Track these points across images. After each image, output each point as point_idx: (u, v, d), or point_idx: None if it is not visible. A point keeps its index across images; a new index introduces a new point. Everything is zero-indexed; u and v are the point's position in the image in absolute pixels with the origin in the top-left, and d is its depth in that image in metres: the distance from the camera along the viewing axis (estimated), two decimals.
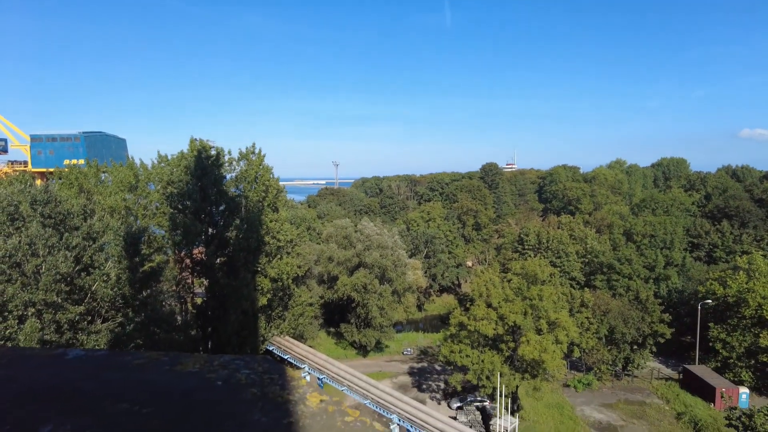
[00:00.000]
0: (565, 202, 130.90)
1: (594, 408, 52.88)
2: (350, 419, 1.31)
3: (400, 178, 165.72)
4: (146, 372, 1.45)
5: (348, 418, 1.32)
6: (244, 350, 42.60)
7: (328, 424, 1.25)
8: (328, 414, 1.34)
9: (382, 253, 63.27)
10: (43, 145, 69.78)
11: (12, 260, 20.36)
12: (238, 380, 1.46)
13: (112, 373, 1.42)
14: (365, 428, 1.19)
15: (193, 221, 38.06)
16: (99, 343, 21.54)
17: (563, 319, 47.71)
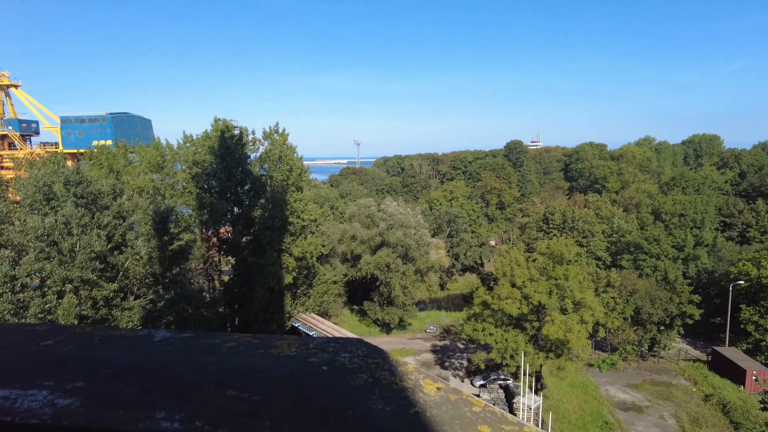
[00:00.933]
0: (591, 180, 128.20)
1: (618, 388, 52.54)
2: (477, 409, 1.20)
3: (422, 156, 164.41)
4: (241, 355, 1.37)
5: (475, 408, 1.21)
6: (271, 326, 43.52)
7: (456, 414, 1.15)
8: (452, 403, 1.21)
9: (405, 233, 63.27)
10: (72, 126, 71.30)
11: (49, 239, 21.01)
12: (343, 365, 1.34)
13: (206, 356, 1.35)
14: (496, 419, 1.12)
15: (219, 200, 38.63)
16: (132, 319, 22.19)
17: (589, 299, 47.16)
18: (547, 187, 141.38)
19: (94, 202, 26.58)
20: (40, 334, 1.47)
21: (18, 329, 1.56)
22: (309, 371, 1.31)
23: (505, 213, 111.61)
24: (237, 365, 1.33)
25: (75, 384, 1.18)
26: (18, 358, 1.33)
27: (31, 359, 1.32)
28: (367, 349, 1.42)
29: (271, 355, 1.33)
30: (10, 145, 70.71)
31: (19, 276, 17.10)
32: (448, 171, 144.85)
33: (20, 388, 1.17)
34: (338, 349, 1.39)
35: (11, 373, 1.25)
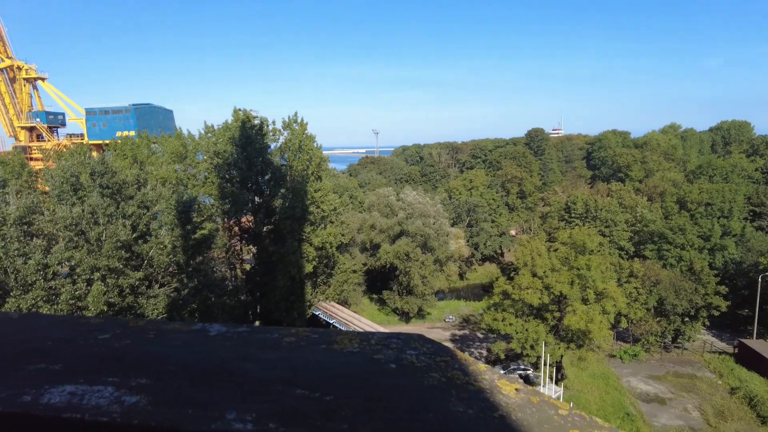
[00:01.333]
0: (614, 168, 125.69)
1: (641, 379, 51.91)
2: (564, 412, 1.15)
3: (441, 145, 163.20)
4: (304, 351, 1.31)
5: (562, 411, 1.16)
6: (292, 315, 44.03)
7: (543, 417, 1.11)
8: (536, 406, 1.17)
9: (424, 222, 63.11)
10: (96, 117, 72.56)
11: (77, 228, 21.51)
12: (411, 363, 1.28)
13: (268, 352, 1.30)
14: (586, 423, 1.08)
15: (241, 190, 39.04)
16: (158, 307, 22.67)
17: (611, 289, 46.53)
18: (569, 176, 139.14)
19: (119, 192, 27.11)
20: (95, 328, 1.45)
21: (73, 321, 1.54)
22: (377, 369, 1.24)
23: (526, 202, 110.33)
24: (302, 362, 1.28)
25: (139, 381, 1.17)
26: (78, 352, 1.32)
27: (91, 353, 1.31)
28: (432, 346, 1.35)
29: (334, 351, 1.28)
30: (38, 136, 72.40)
31: (50, 264, 17.58)
32: (467, 160, 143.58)
33: (85, 384, 1.15)
34: (402, 345, 1.33)
35: (74, 367, 1.24)
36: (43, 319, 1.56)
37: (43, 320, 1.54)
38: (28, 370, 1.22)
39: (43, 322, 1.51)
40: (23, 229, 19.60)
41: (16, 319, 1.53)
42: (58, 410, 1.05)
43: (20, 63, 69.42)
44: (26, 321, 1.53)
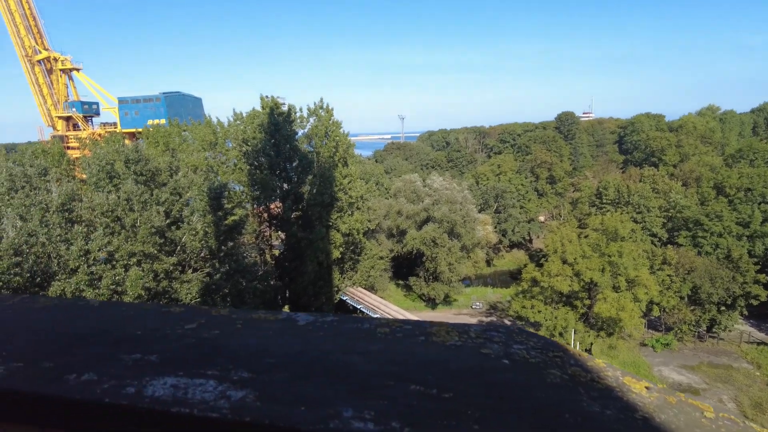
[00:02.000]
0: (647, 153, 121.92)
1: (673, 369, 50.81)
2: (711, 414, 1.06)
3: (468, 130, 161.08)
4: (403, 343, 1.23)
5: (708, 414, 1.06)
6: (320, 299, 44.63)
7: (690, 420, 1.02)
8: (676, 406, 1.08)
9: (451, 208, 62.69)
10: (129, 106, 74.20)
11: (113, 214, 22.15)
12: (524, 358, 1.18)
13: (368, 343, 1.23)
14: (739, 429, 1.01)
15: (269, 177, 39.49)
16: (191, 291, 23.24)
17: (643, 276, 45.53)
18: (600, 161, 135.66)
19: (152, 179, 27.77)
20: (179, 317, 1.42)
21: (155, 310, 1.50)
22: (491, 365, 1.14)
23: (556, 188, 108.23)
24: (407, 355, 1.19)
25: (240, 374, 1.11)
26: (170, 343, 1.28)
27: (184, 344, 1.27)
28: (538, 340, 1.25)
29: (436, 343, 1.20)
30: (74, 126, 74.55)
31: (92, 250, 18.19)
32: (495, 144, 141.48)
33: (185, 377, 1.11)
34: (505, 339, 1.24)
35: (170, 358, 1.20)
36: (123, 307, 1.54)
37: (123, 308, 1.53)
38: (126, 360, 1.19)
39: (127, 311, 1.49)
40: (64, 215, 20.30)
41: (98, 306, 1.53)
42: (166, 404, 1.01)
43: (56, 54, 71.31)
44: (108, 309, 1.52)
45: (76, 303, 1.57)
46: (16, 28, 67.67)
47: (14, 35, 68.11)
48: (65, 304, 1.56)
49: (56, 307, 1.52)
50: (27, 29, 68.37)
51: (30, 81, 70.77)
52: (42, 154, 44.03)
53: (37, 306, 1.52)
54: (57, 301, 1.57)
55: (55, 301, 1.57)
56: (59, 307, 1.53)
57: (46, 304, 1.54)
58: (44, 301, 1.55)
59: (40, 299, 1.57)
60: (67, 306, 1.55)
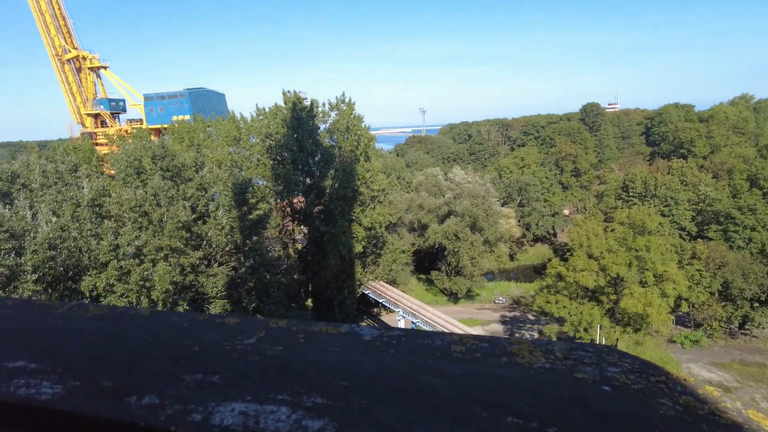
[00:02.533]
0: (676, 144, 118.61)
1: (703, 366, 49.64)
2: None
3: (490, 122, 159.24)
4: (484, 364, 1.09)
5: None
6: (342, 293, 44.87)
7: None
8: None
9: (473, 202, 62.19)
10: (154, 103, 75.48)
11: (141, 210, 22.59)
12: (624, 383, 1.02)
13: (444, 363, 1.10)
14: None
15: (292, 171, 39.75)
16: (217, 285, 23.58)
17: (672, 271, 44.47)
18: (627, 153, 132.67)
19: (178, 174, 28.22)
20: (236, 329, 1.31)
21: (209, 321, 1.39)
22: (591, 392, 0.97)
23: (581, 180, 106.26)
24: (494, 379, 1.02)
25: (314, 399, 0.99)
26: (232, 360, 1.16)
27: (246, 363, 1.15)
28: (633, 361, 1.05)
29: (520, 365, 1.04)
30: (102, 122, 76.28)
31: (121, 245, 18.60)
32: (518, 137, 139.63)
33: (254, 402, 0.99)
34: (597, 360, 1.06)
35: (234, 379, 1.08)
36: (175, 317, 1.44)
37: (176, 318, 1.43)
38: (187, 380, 1.08)
39: (180, 322, 1.40)
40: (95, 210, 20.79)
41: (148, 316, 1.45)
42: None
43: (85, 53, 72.94)
44: (159, 319, 1.44)
45: (126, 312, 1.51)
46: (46, 28, 69.44)
47: (45, 35, 69.91)
48: (116, 314, 1.50)
49: (108, 316, 1.47)
50: (57, 29, 70.08)
51: (60, 79, 72.63)
52: (73, 150, 45.18)
53: (89, 315, 1.47)
54: (108, 310, 1.52)
55: (106, 310, 1.52)
56: (111, 316, 1.47)
57: (97, 313, 1.48)
58: (94, 310, 1.50)
59: (90, 308, 1.52)
60: (119, 315, 1.49)
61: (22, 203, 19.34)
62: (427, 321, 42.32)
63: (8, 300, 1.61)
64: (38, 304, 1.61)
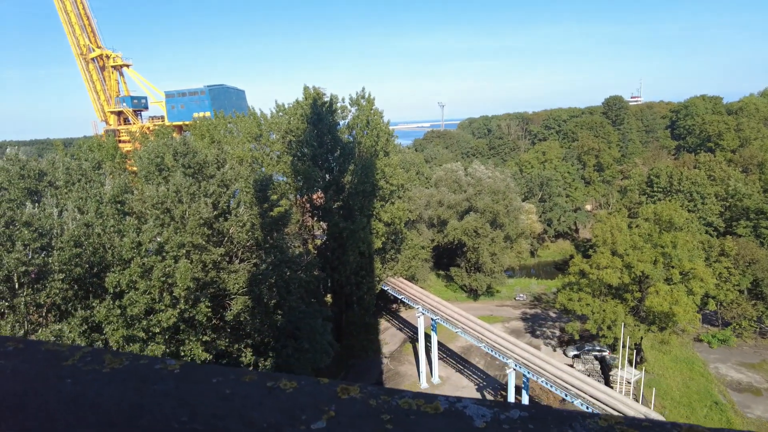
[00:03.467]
0: (702, 138, 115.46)
1: (731, 366, 48.25)
2: None
3: (511, 116, 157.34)
4: None
5: None
6: (362, 289, 44.79)
7: None
8: None
9: (493, 198, 61.42)
10: (175, 100, 76.31)
11: (163, 206, 22.77)
12: None
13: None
14: None
15: (312, 168, 39.74)
16: (238, 281, 23.66)
17: (699, 269, 43.17)
18: (651, 147, 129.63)
19: (199, 171, 28.38)
20: (296, 402, 1.03)
21: (258, 384, 1.09)
22: None
23: (604, 175, 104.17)
24: None
25: None
26: None
27: None
28: None
29: None
30: (125, 120, 77.52)
31: (143, 242, 18.74)
32: (539, 131, 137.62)
33: None
34: None
35: None
36: (213, 375, 1.14)
37: (214, 378, 1.12)
38: None
39: (222, 385, 1.10)
40: (117, 207, 20.99)
41: (179, 374, 1.14)
42: None
43: (108, 52, 74.13)
44: (194, 380, 1.12)
45: (152, 368, 1.21)
46: (71, 28, 70.73)
47: (70, 35, 71.23)
48: (139, 372, 1.20)
49: (129, 375, 1.17)
50: (81, 28, 71.33)
51: (85, 78, 73.98)
52: (97, 148, 45.92)
53: (105, 370, 1.18)
54: (129, 362, 1.22)
55: (126, 362, 1.22)
56: (133, 375, 1.17)
57: (116, 366, 1.20)
58: (112, 362, 1.20)
59: (106, 358, 1.22)
60: (143, 375, 1.18)
61: (49, 201, 19.61)
62: (447, 318, 41.95)
63: (9, 342, 1.28)
64: (44, 349, 1.27)
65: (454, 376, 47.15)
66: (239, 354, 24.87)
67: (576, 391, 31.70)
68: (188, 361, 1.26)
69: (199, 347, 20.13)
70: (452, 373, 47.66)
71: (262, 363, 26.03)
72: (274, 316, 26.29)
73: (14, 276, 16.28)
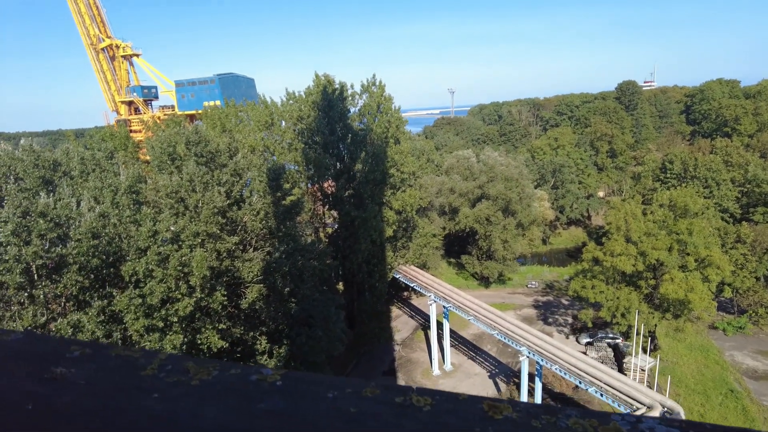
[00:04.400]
0: (719, 123, 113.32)
1: (747, 354, 47.81)
2: None
3: (522, 102, 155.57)
4: None
5: None
6: (374, 277, 44.82)
7: None
8: None
9: (506, 185, 60.92)
10: (185, 89, 76.27)
11: (177, 195, 22.80)
12: None
13: None
14: None
15: (323, 156, 39.60)
16: (253, 270, 23.71)
17: (716, 256, 42.58)
18: (665, 132, 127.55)
19: (212, 160, 28.35)
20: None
21: (389, 404, 0.89)
22: None
23: (617, 162, 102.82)
24: None
25: None
26: None
27: None
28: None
29: None
30: (135, 110, 77.74)
31: (160, 231, 18.81)
32: (551, 117, 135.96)
33: None
34: None
35: None
36: (326, 389, 0.93)
37: (327, 393, 0.92)
38: None
39: (338, 400, 0.90)
40: (132, 197, 21.06)
41: (281, 386, 0.93)
42: None
43: (118, 41, 74.11)
44: (300, 394, 0.92)
45: (247, 378, 0.96)
46: (81, 18, 70.73)
47: (80, 25, 71.25)
48: (235, 384, 0.95)
49: (223, 387, 0.92)
50: (91, 18, 71.30)
51: (95, 68, 74.12)
52: (110, 137, 46.13)
53: (194, 383, 0.94)
54: (218, 374, 0.97)
55: (215, 373, 0.97)
56: (228, 388, 0.92)
57: (204, 377, 0.95)
58: (197, 372, 0.97)
59: (190, 367, 1.00)
60: (240, 388, 0.93)
61: (65, 191, 19.70)
62: (459, 306, 41.89)
63: (74, 346, 1.07)
64: (114, 355, 1.07)
65: (466, 363, 47.26)
66: (254, 341, 25.04)
67: (590, 379, 31.58)
68: (284, 368, 0.97)
69: (215, 335, 20.26)
70: (464, 360, 47.76)
71: (277, 350, 26.20)
72: (288, 304, 26.39)
73: (32, 267, 16.43)
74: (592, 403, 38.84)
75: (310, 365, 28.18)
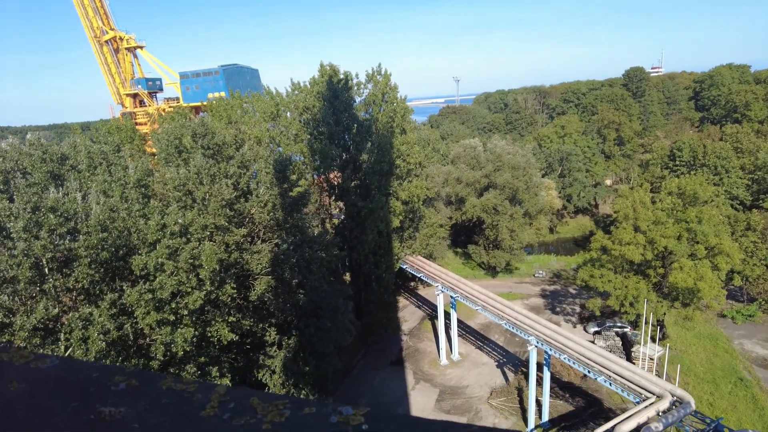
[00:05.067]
0: (729, 108, 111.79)
1: (756, 342, 47.55)
2: None
3: (528, 90, 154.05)
4: None
5: None
6: (381, 268, 44.83)
7: None
8: None
9: (514, 174, 60.53)
10: (189, 81, 76.11)
11: (185, 188, 22.78)
12: None
13: None
14: None
15: (329, 146, 39.43)
16: (261, 262, 23.73)
17: (725, 244, 42.17)
18: (673, 119, 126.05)
19: (219, 152, 28.28)
20: None
21: None
22: None
23: (624, 149, 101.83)
24: None
25: None
26: None
27: None
28: None
29: None
30: (140, 102, 77.70)
31: (168, 224, 18.81)
32: (558, 104, 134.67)
33: None
34: None
35: None
36: None
37: None
38: None
39: None
40: (141, 191, 21.05)
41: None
42: None
43: (122, 34, 73.90)
44: None
45: (327, 420, 0.85)
46: (84, 10, 70.51)
47: (83, 17, 71.06)
48: (315, 429, 0.82)
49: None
50: (94, 10, 71.07)
51: (100, 61, 74.01)
52: (116, 130, 46.12)
53: (266, 428, 0.81)
54: (291, 414, 0.85)
55: (287, 413, 0.85)
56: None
57: (276, 420, 0.81)
58: (266, 412, 0.84)
59: (256, 405, 0.87)
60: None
61: (72, 185, 19.71)
62: (467, 296, 41.84)
63: (118, 377, 0.91)
64: (165, 388, 0.90)
65: (474, 353, 47.32)
66: (263, 333, 25.14)
67: (599, 368, 31.52)
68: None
69: (225, 328, 20.34)
70: (472, 350, 47.83)
71: (286, 341, 26.30)
72: (296, 296, 26.44)
73: (43, 261, 16.49)
74: (601, 391, 38.85)
75: (318, 356, 28.30)
